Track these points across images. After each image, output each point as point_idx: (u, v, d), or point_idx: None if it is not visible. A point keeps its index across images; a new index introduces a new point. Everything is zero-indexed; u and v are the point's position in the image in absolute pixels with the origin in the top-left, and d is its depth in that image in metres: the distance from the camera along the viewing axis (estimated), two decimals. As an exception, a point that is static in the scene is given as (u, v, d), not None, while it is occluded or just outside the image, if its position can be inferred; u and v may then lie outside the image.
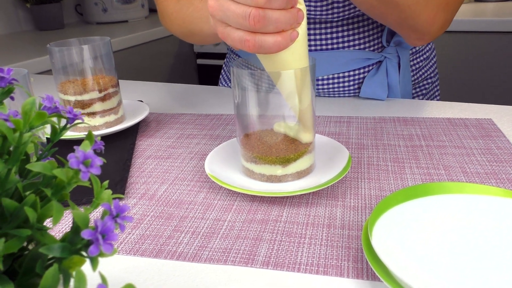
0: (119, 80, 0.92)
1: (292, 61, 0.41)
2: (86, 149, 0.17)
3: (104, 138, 0.61)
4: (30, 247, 0.21)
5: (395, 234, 0.34)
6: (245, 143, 0.45)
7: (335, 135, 0.57)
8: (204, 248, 0.36)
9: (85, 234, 0.16)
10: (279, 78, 0.41)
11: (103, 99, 0.60)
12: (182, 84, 0.85)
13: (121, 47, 1.57)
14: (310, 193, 0.44)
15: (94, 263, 0.16)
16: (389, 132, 0.57)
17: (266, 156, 0.44)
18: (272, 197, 0.44)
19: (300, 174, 0.45)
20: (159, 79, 1.83)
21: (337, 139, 0.56)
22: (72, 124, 0.21)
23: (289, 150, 0.44)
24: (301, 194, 0.44)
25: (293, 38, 0.38)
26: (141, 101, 0.74)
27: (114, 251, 0.17)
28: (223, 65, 0.90)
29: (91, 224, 0.18)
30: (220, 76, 0.90)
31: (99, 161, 0.17)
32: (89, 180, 0.22)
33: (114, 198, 0.22)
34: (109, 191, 0.21)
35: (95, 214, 0.42)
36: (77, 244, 0.17)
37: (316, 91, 0.73)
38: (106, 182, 0.21)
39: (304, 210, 0.41)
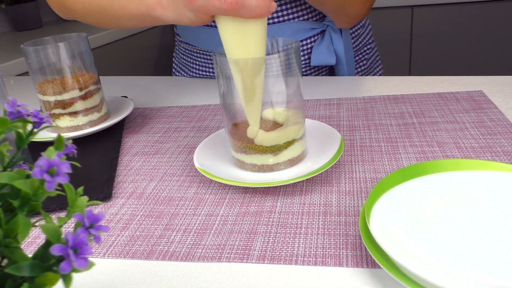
0: (102, 77, 0.90)
1: (254, 46, 0.38)
2: (51, 155, 0.15)
3: (89, 137, 0.59)
4: (3, 263, 0.20)
5: (393, 218, 0.32)
6: (234, 133, 0.44)
7: (326, 118, 0.56)
8: (197, 246, 0.35)
9: (55, 250, 0.14)
10: (237, 64, 0.39)
11: (84, 97, 0.57)
12: (167, 77, 0.83)
13: (102, 43, 1.53)
14: (304, 180, 0.43)
15: (67, 280, 0.15)
16: (380, 111, 0.56)
17: (256, 145, 0.42)
18: (265, 187, 0.42)
19: (293, 162, 0.44)
20: (143, 73, 1.80)
21: (328, 122, 0.55)
22: (40, 128, 0.19)
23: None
24: (295, 182, 0.42)
25: (271, 10, 0.36)
26: (126, 96, 0.71)
27: (90, 264, 0.16)
28: (174, 55, 0.88)
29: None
30: (174, 66, 0.89)
31: (66, 167, 0.15)
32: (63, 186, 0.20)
33: (91, 205, 0.20)
34: (85, 198, 0.19)
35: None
36: (49, 260, 0.16)
37: None
38: (80, 189, 0.19)
39: (298, 199, 0.40)
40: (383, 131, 0.51)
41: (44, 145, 0.57)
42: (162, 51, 1.91)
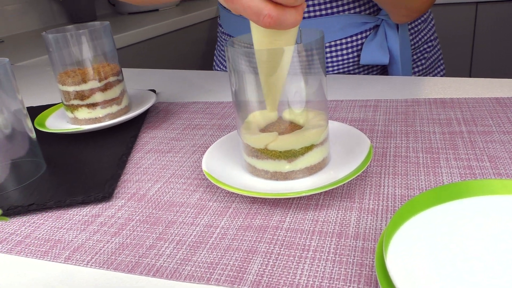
0: (136, 69, 0.88)
1: (293, 38, 0.34)
2: None
3: (107, 130, 0.56)
4: None
5: (418, 251, 0.26)
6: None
7: (359, 122, 0.49)
8: (187, 262, 0.31)
9: None
10: (281, 55, 0.34)
11: (103, 89, 0.55)
12: (203, 71, 0.80)
13: (152, 35, 1.54)
14: (321, 192, 0.37)
15: None
16: (422, 116, 0.49)
17: (269, 150, 0.37)
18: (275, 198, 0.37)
19: (311, 170, 0.38)
20: (191, 66, 1.80)
21: (360, 127, 0.48)
22: None
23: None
24: (310, 195, 0.37)
25: (303, 10, 0.32)
26: (154, 90, 0.69)
27: None
28: (216, 47, 0.85)
29: None
30: (214, 59, 0.85)
31: None
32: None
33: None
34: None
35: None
36: None
37: None
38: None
39: (312, 214, 0.34)
40: (423, 139, 0.44)
41: (62, 137, 0.56)
42: (211, 44, 1.90)
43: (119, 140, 0.53)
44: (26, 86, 0.84)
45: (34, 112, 0.66)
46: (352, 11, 0.64)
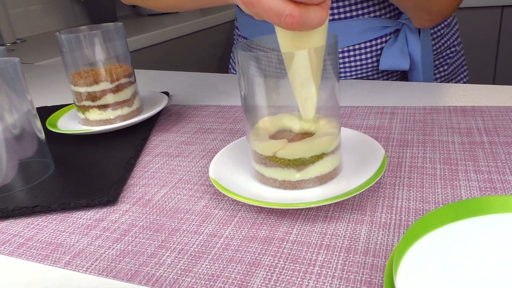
0: (152, 71, 0.88)
1: (321, 38, 0.33)
2: None
3: (117, 132, 0.56)
4: None
5: (432, 272, 0.24)
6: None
7: (374, 129, 0.48)
8: (187, 273, 0.29)
9: None
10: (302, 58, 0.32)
11: (115, 90, 0.55)
12: (218, 74, 0.79)
13: (171, 37, 1.54)
14: (331, 204, 0.35)
15: None
16: (441, 125, 0.47)
17: (277, 157, 0.36)
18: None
19: (321, 180, 0.37)
20: (210, 69, 1.79)
21: (375, 134, 0.46)
22: None
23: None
24: (319, 206, 0.35)
25: (329, 7, 0.31)
26: (167, 92, 0.68)
27: None
28: (232, 50, 0.84)
29: None
30: (230, 62, 0.84)
31: None
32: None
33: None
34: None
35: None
36: None
37: None
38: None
39: (320, 227, 0.33)
40: (441, 149, 0.42)
41: (72, 138, 0.55)
42: (228, 48, 1.90)
43: (129, 142, 0.52)
44: (45, 85, 0.85)
45: (48, 111, 0.66)
46: (372, 15, 0.62)
